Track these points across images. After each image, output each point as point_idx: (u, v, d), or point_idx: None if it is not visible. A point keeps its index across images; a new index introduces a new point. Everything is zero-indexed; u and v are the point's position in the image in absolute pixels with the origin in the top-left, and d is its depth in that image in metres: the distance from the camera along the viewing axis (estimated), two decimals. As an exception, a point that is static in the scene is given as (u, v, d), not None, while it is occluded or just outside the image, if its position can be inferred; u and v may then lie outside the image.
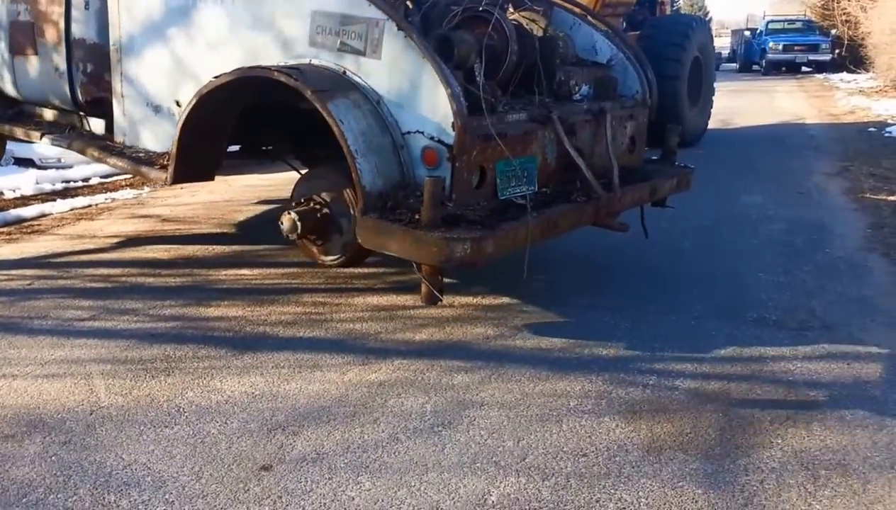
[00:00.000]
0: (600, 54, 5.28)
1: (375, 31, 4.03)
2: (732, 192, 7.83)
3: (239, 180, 8.18)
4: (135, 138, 5.13)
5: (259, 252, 5.77)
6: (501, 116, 4.13)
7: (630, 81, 5.21)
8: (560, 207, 4.26)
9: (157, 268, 5.36)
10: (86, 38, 5.29)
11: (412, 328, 4.38)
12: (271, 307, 4.65)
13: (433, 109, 3.88)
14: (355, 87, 4.07)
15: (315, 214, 4.36)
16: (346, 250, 4.47)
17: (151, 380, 3.71)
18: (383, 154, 3.95)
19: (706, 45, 11.19)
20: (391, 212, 3.84)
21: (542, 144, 4.39)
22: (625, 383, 3.75)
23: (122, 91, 5.13)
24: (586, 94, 4.97)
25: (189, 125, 4.44)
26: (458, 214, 3.80)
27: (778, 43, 29.04)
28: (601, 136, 4.74)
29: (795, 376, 3.85)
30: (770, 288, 5.10)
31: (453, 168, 3.85)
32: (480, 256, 3.68)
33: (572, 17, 5.38)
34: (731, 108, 12.85)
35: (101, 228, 6.41)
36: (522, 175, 4.20)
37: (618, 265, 5.57)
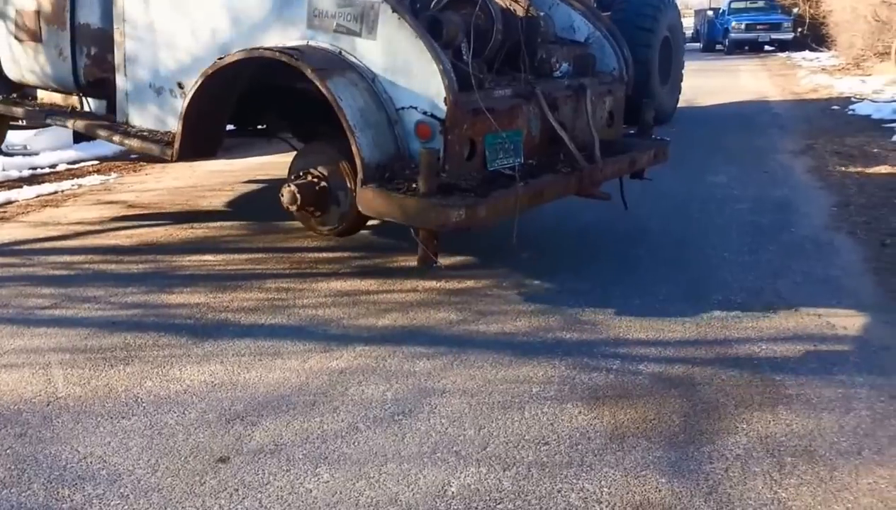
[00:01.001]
0: (578, 33, 5.51)
1: (371, 13, 4.24)
2: (698, 171, 7.85)
3: (203, 166, 8.10)
4: (137, 118, 5.29)
5: (223, 237, 5.71)
6: (489, 92, 4.38)
7: (607, 59, 5.45)
8: (546, 177, 4.53)
9: (121, 254, 5.28)
10: (90, 21, 5.44)
11: (375, 313, 4.35)
12: (234, 293, 4.61)
13: (426, 86, 4.11)
14: (351, 66, 4.29)
15: (313, 187, 4.51)
16: (342, 221, 4.62)
17: (110, 370, 3.66)
18: (379, 129, 4.18)
19: (675, 25, 11.26)
20: (388, 182, 4.09)
21: (527, 118, 4.60)
22: (588, 368, 3.74)
23: (125, 73, 5.28)
24: (566, 72, 5.16)
25: (194, 105, 4.63)
26: (452, 184, 4.04)
27: (740, 22, 29.10)
28: (582, 111, 4.97)
29: (761, 359, 3.85)
30: (735, 268, 5.11)
31: (446, 141, 4.08)
32: (474, 221, 3.96)
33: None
34: (696, 87, 12.87)
35: (66, 215, 6.31)
36: (509, 147, 4.41)
37: (583, 247, 5.57)
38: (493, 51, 4.77)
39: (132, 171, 8.20)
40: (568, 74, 5.15)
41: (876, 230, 5.91)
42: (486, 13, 4.73)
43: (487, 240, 5.33)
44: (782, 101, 14.36)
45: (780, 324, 4.25)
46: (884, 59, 17.55)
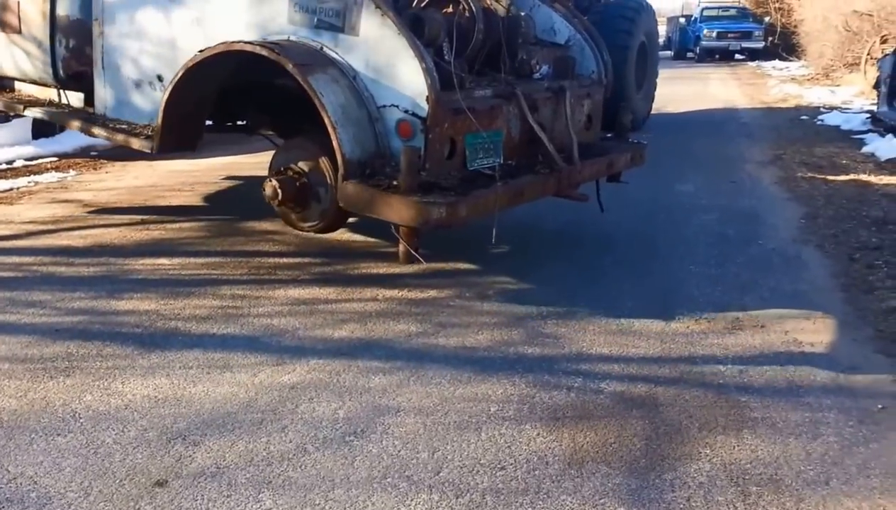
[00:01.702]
0: (559, 35, 5.55)
1: (353, 8, 4.22)
2: (666, 179, 7.76)
3: (165, 165, 7.91)
4: (116, 110, 5.24)
5: (180, 240, 5.54)
6: (470, 92, 4.41)
7: (587, 62, 5.50)
8: (525, 178, 4.57)
9: (72, 256, 5.09)
10: (69, 13, 5.38)
11: (332, 324, 4.21)
12: (186, 300, 4.44)
13: (408, 84, 4.12)
14: (333, 62, 4.27)
15: (294, 183, 4.47)
16: (323, 217, 4.57)
17: (49, 382, 3.49)
18: (360, 126, 4.17)
19: (651, 32, 11.24)
20: (369, 179, 4.10)
21: (507, 119, 4.63)
22: (549, 386, 3.63)
23: (103, 65, 5.23)
24: (546, 73, 5.20)
25: (174, 98, 4.60)
26: (432, 182, 4.06)
27: (712, 30, 29.21)
28: (561, 113, 5.00)
29: (726, 379, 3.76)
30: (702, 282, 5.03)
31: (426, 139, 4.10)
32: (455, 219, 3.99)
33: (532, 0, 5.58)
34: (666, 94, 12.83)
35: (19, 213, 6.09)
36: (490, 147, 4.44)
37: (549, 257, 5.46)
38: (475, 50, 4.78)
39: (91, 168, 7.97)
40: (548, 76, 5.18)
41: (844, 244, 5.86)
42: (467, 12, 4.74)
43: (456, 242, 5.21)
44: (752, 110, 14.37)
45: (746, 342, 4.16)
46: (853, 70, 17.64)
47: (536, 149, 4.72)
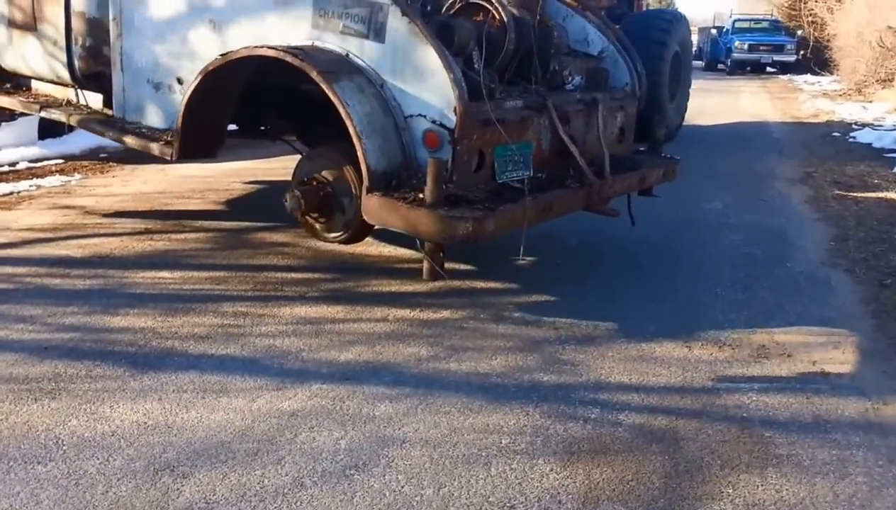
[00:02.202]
0: (592, 46, 5.42)
1: (379, 14, 4.10)
2: (693, 196, 7.49)
3: (176, 169, 7.73)
4: (135, 114, 5.10)
5: (184, 251, 5.34)
6: (500, 102, 4.30)
7: (620, 73, 5.36)
8: (555, 192, 4.44)
9: (68, 267, 4.90)
10: (85, 11, 5.21)
11: (339, 345, 4.00)
12: (186, 317, 4.24)
13: (435, 94, 4.00)
14: (359, 69, 4.16)
15: (318, 193, 4.37)
16: (347, 228, 4.46)
17: (33, 404, 3.29)
18: (386, 135, 4.06)
19: (685, 42, 11.10)
20: (395, 191, 3.98)
21: (538, 131, 4.51)
22: (564, 417, 3.40)
23: (121, 66, 5.08)
24: (578, 85, 5.12)
25: (193, 102, 4.49)
26: (459, 195, 3.95)
27: (743, 42, 28.85)
28: (593, 126, 4.89)
29: (750, 412, 3.53)
30: (727, 306, 4.78)
31: (454, 151, 3.98)
32: (481, 235, 3.86)
33: (565, 9, 5.48)
34: (696, 106, 12.56)
35: (17, 219, 5.91)
36: (519, 160, 4.31)
37: (572, 273, 5.23)
38: (505, 60, 4.68)
39: (98, 172, 7.80)
40: (580, 87, 5.09)
41: (875, 268, 5.59)
42: (498, 21, 4.62)
43: (478, 253, 5.01)
44: (782, 124, 14.04)
45: (771, 372, 3.93)
46: (886, 86, 17.30)
47: (567, 162, 4.62)
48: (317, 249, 5.47)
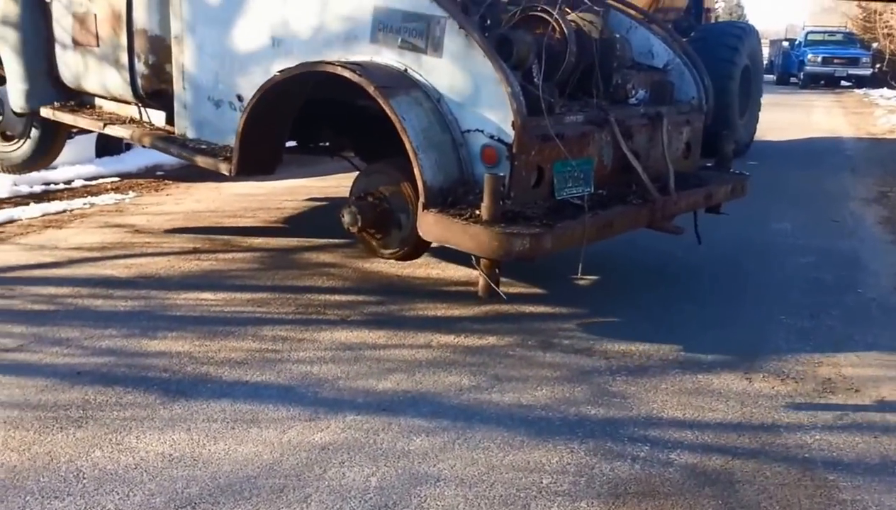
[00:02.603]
0: (657, 58, 5.29)
1: (437, 29, 4.06)
2: (760, 215, 7.13)
3: (230, 187, 7.72)
4: (197, 131, 5.13)
5: (229, 272, 5.26)
6: (560, 117, 4.23)
7: (686, 87, 5.22)
8: (616, 209, 4.33)
9: (112, 287, 4.86)
10: (147, 29, 5.25)
11: (378, 373, 3.84)
12: (224, 341, 4.13)
13: (493, 108, 3.94)
14: (416, 84, 4.11)
15: (374, 209, 4.32)
16: (404, 244, 4.40)
17: (58, 433, 3.20)
18: (443, 151, 4.01)
19: (756, 54, 10.82)
20: (451, 207, 3.93)
21: (599, 146, 4.42)
22: (611, 455, 3.18)
23: (183, 83, 5.12)
24: (643, 98, 4.98)
25: (251, 120, 4.50)
26: (517, 211, 3.88)
27: (817, 55, 27.95)
28: (657, 141, 4.77)
29: (813, 452, 3.26)
30: (792, 335, 4.49)
31: (512, 167, 3.91)
32: (538, 252, 3.79)
33: (629, 21, 5.40)
34: (766, 121, 12.13)
35: (67, 238, 5.92)
36: (579, 176, 4.24)
37: (627, 296, 5.01)
38: (566, 74, 4.58)
39: (153, 190, 7.83)
40: (644, 101, 4.97)
41: (955, 297, 5.22)
42: (559, 33, 4.53)
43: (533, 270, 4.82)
44: (856, 141, 13.45)
45: (837, 409, 3.65)
46: (965, 102, 16.49)
47: (630, 178, 4.50)
48: (363, 270, 5.34)
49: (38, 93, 5.99)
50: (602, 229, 4.21)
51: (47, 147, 6.59)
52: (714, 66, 9.44)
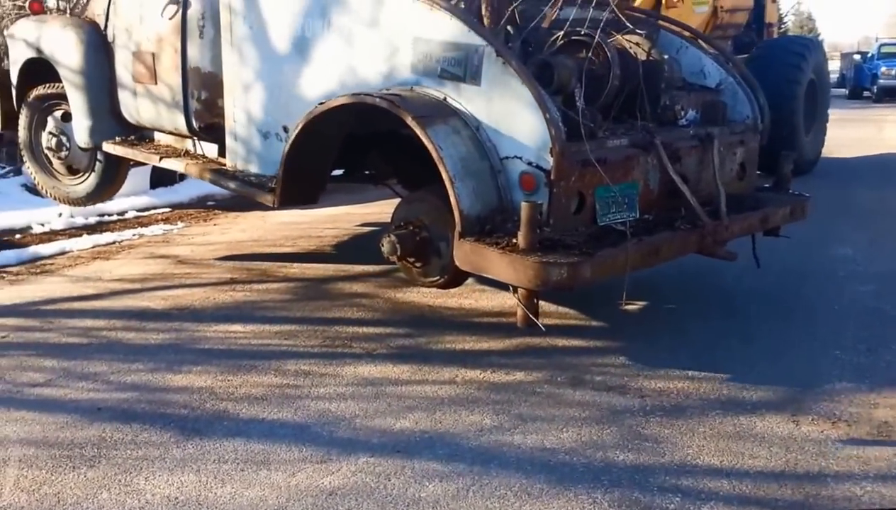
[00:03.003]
0: (709, 78, 5.20)
1: (475, 57, 4.04)
2: (821, 238, 6.77)
3: (275, 216, 7.75)
4: (245, 162, 5.23)
5: (262, 303, 5.22)
6: (602, 142, 4.15)
7: (740, 106, 5.11)
8: (662, 234, 4.21)
9: (145, 320, 4.86)
10: (200, 65, 5.40)
11: (396, 411, 3.71)
12: (246, 376, 4.07)
13: (531, 135, 3.90)
14: (455, 112, 4.11)
15: (414, 237, 4.29)
16: (444, 272, 4.34)
17: (70, 473, 3.16)
18: (481, 178, 3.98)
19: (821, 69, 10.46)
20: (489, 235, 3.89)
21: (645, 170, 4.33)
22: (638, 506, 2.99)
23: (233, 117, 5.23)
24: (693, 119, 4.90)
25: (294, 150, 4.55)
26: (556, 239, 3.81)
27: (891, 68, 26.87)
28: (708, 163, 4.65)
29: (863, 503, 3.02)
30: (846, 372, 4.21)
31: (551, 193, 3.86)
32: (577, 281, 3.71)
33: (679, 41, 5.33)
34: (835, 137, 11.67)
35: (111, 270, 5.98)
36: (623, 201, 4.14)
37: (669, 326, 4.80)
38: (610, 97, 4.51)
39: (202, 220, 7.90)
40: (695, 122, 4.86)
41: None
42: (602, 57, 4.49)
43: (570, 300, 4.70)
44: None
45: (891, 455, 3.37)
46: None
47: (678, 202, 4.37)
48: (395, 301, 5.25)
49: (101, 128, 6.20)
50: (647, 256, 4.08)
51: (110, 180, 6.75)
52: (777, 82, 9.24)
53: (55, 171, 6.86)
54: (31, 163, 6.94)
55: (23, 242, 6.80)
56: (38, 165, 6.90)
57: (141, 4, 5.73)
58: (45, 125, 6.74)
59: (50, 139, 6.67)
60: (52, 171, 6.87)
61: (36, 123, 6.78)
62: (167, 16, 5.46)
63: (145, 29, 5.70)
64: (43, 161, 6.88)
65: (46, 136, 6.72)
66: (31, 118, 6.79)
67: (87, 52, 6.06)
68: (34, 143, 6.85)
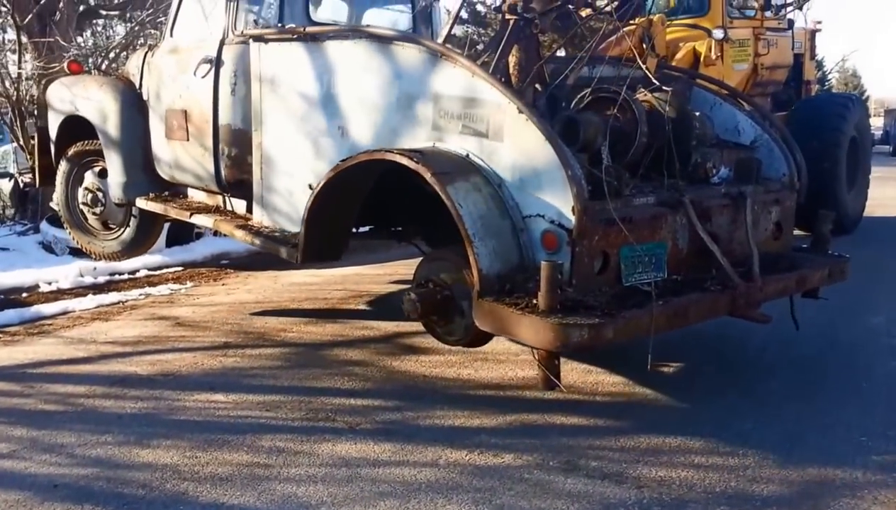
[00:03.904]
0: (743, 135, 5.13)
1: (497, 114, 4.01)
2: (852, 306, 6.32)
3: (288, 277, 7.59)
4: (271, 219, 5.28)
5: (250, 370, 4.99)
6: (628, 200, 4.08)
7: (776, 163, 5.02)
8: (691, 296, 4.09)
9: (127, 386, 4.67)
10: (231, 123, 5.47)
11: (368, 497, 3.42)
12: (216, 452, 3.82)
13: (554, 192, 3.85)
14: (477, 169, 4.07)
15: (435, 296, 4.26)
16: (467, 332, 4.27)
17: (4, 561, 2.95)
18: (502, 237, 3.93)
19: (863, 126, 10.24)
20: (509, 294, 3.82)
21: (673, 229, 4.25)
22: None
23: (261, 174, 5.28)
24: (726, 177, 4.79)
25: (317, 207, 4.56)
26: (578, 299, 3.73)
27: (936, 124, 26.32)
28: (741, 222, 4.56)
29: None
30: (872, 463, 3.81)
31: (573, 253, 3.80)
32: (599, 343, 3.64)
33: (713, 97, 5.27)
34: (876, 196, 11.22)
35: (107, 332, 5.83)
36: (649, 261, 4.07)
37: (676, 409, 4.44)
38: (638, 154, 4.45)
39: (212, 280, 7.76)
40: (727, 180, 4.74)
41: None
42: (629, 114, 4.44)
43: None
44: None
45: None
46: None
47: (709, 262, 4.27)
48: (390, 369, 5.00)
49: (135, 184, 6.30)
50: (673, 318, 3.95)
51: (145, 235, 6.90)
52: (817, 140, 8.98)
53: (91, 226, 7.01)
54: (66, 218, 7.13)
55: (27, 301, 6.71)
56: (74, 220, 7.07)
57: (174, 63, 5.88)
58: (81, 181, 6.89)
59: (86, 195, 6.82)
60: (88, 226, 7.03)
61: (73, 179, 6.96)
62: (200, 74, 5.56)
63: (178, 87, 5.81)
64: (79, 216, 7.05)
65: (83, 192, 6.86)
66: (68, 174, 6.97)
67: (122, 110, 6.22)
68: (70, 198, 7.03)
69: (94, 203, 6.79)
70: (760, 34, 9.65)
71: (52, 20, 10.76)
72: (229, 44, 5.48)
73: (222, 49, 5.49)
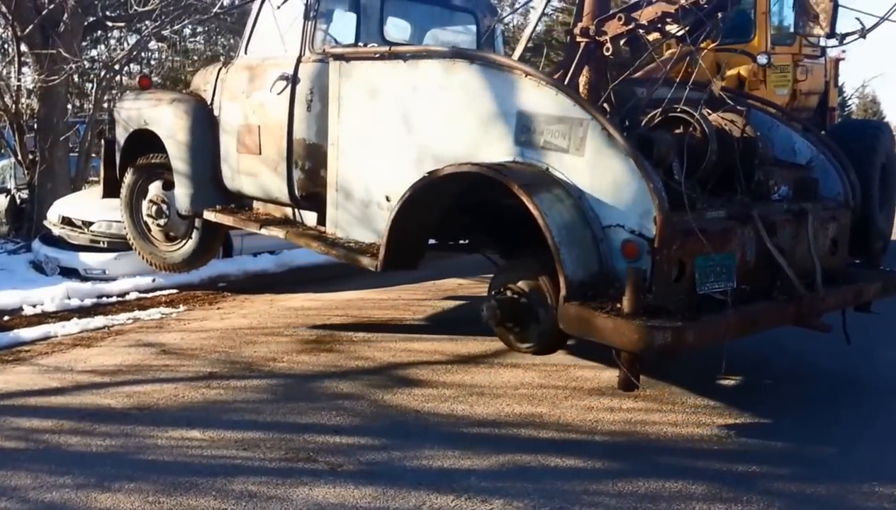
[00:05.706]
0: (799, 155, 5.32)
1: (579, 130, 4.15)
2: (870, 339, 5.78)
3: (285, 301, 7.35)
4: (346, 230, 5.38)
5: (233, 403, 4.71)
6: (701, 213, 4.22)
7: (831, 183, 5.19)
8: (761, 304, 4.28)
9: (98, 421, 4.38)
10: (306, 137, 5.57)
11: (343, 550, 3.12)
12: (181, 498, 3.53)
13: (634, 204, 3.97)
14: (557, 182, 4.21)
15: (514, 303, 4.39)
16: (541, 339, 4.43)
17: None
18: (584, 246, 4.07)
19: (891, 153, 9.94)
20: (591, 300, 3.94)
21: (742, 242, 4.38)
22: None
23: (336, 186, 5.38)
24: (785, 194, 4.95)
25: (400, 218, 4.67)
26: (658, 305, 3.84)
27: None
28: (802, 237, 4.70)
29: None
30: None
31: (653, 261, 3.91)
32: (681, 346, 3.77)
33: (770, 119, 5.44)
34: (892, 222, 10.90)
35: (87, 359, 5.54)
36: (721, 271, 4.18)
37: (681, 451, 4.10)
38: (707, 171, 4.60)
39: (207, 303, 7.50)
40: (787, 198, 4.92)
41: None
42: (700, 132, 4.61)
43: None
44: None
45: None
46: None
47: (774, 274, 4.43)
48: (380, 404, 4.72)
49: (202, 197, 6.35)
50: (746, 325, 4.12)
51: (206, 248, 6.88)
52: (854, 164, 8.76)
53: (153, 237, 7.06)
54: (130, 229, 7.14)
55: (8, 325, 6.47)
56: (137, 231, 7.11)
57: (249, 79, 6.01)
58: (146, 193, 6.96)
59: (150, 207, 6.88)
60: (151, 237, 7.07)
61: (138, 191, 7.01)
62: (276, 91, 5.68)
63: (252, 102, 5.93)
64: (142, 227, 7.09)
65: (147, 204, 6.92)
66: (133, 186, 7.03)
67: (192, 124, 6.31)
68: (134, 209, 7.08)
69: (159, 215, 6.85)
70: (799, 60, 9.81)
71: (55, 32, 10.61)
72: (306, 61, 5.60)
73: (299, 66, 5.62)
